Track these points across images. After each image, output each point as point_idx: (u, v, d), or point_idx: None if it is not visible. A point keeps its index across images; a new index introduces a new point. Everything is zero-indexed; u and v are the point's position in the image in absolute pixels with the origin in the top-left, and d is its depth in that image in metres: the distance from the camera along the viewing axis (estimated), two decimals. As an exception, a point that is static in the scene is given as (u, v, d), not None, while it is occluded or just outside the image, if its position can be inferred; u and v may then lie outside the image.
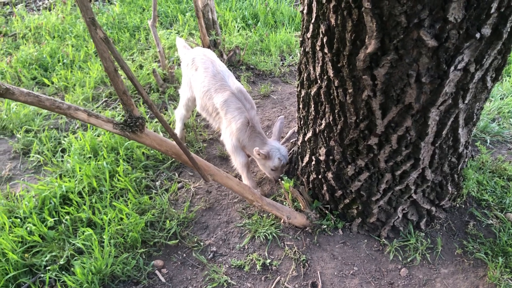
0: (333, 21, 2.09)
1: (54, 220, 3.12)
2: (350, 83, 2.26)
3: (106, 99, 4.61)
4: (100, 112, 4.33)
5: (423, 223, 2.97)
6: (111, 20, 6.13)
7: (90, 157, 3.64)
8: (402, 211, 2.91)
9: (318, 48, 2.32)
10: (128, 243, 2.98)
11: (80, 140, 3.82)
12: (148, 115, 4.34)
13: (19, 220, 3.09)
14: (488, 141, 3.65)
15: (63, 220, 3.14)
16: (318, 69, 2.43)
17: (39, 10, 7.04)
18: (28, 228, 3.01)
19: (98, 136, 3.94)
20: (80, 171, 3.47)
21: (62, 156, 3.79)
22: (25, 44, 5.77)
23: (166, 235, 3.08)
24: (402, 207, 2.89)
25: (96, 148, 3.75)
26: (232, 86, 3.27)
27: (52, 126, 4.21)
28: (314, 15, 2.22)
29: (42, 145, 3.90)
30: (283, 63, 5.16)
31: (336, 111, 2.51)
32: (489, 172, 3.25)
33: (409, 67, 2.02)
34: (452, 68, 2.01)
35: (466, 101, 2.27)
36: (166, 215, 3.23)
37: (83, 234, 3.00)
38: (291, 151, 3.55)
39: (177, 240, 3.05)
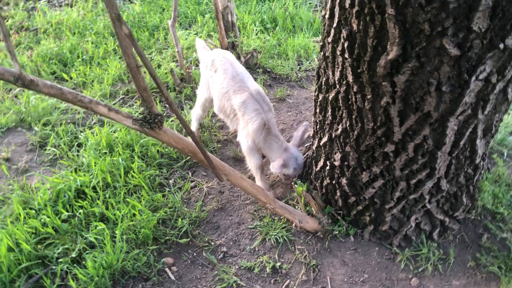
0: (355, 26, 2.09)
1: (68, 213, 3.15)
2: (369, 89, 2.26)
3: (123, 96, 4.65)
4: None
5: (436, 233, 2.94)
6: (131, 18, 6.18)
7: (105, 153, 3.67)
8: (415, 220, 2.89)
9: (338, 53, 2.32)
10: (139, 240, 3.00)
11: (97, 135, 3.86)
12: (164, 113, 4.37)
13: (33, 211, 3.12)
14: (505, 154, 3.61)
15: (77, 214, 3.17)
16: (337, 74, 2.43)
17: (61, 6, 7.14)
18: (42, 220, 3.04)
19: (114, 132, 3.98)
20: (95, 166, 3.50)
21: (78, 151, 3.83)
22: (46, 39, 5.85)
23: (178, 233, 3.09)
24: (416, 216, 2.87)
25: (112, 144, 3.78)
26: (251, 87, 3.28)
27: (69, 121, 4.25)
28: (336, 20, 2.23)
29: (58, 139, 3.95)
30: (300, 68, 5.17)
31: (353, 116, 2.50)
32: (505, 185, 3.21)
33: (430, 75, 2.01)
34: (474, 78, 2.00)
35: (485, 112, 2.25)
36: (178, 213, 3.24)
37: (95, 228, 3.03)
38: (305, 155, 3.55)
39: (188, 239, 3.06)
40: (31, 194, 3.35)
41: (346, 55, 2.25)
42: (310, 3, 6.88)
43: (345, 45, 2.21)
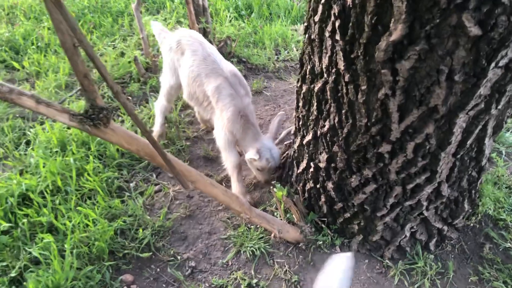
0: (349, 0, 1.70)
1: (9, 224, 2.69)
2: (364, 79, 1.88)
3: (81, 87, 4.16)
4: (72, 102, 3.88)
5: (433, 243, 2.60)
6: (94, 3, 5.67)
7: (57, 152, 3.20)
8: (410, 230, 2.54)
9: (327, 34, 1.93)
10: (93, 254, 2.56)
11: (48, 132, 3.38)
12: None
13: (-33, 222, 2.65)
14: (504, 152, 3.30)
15: (20, 224, 2.71)
16: (325, 61, 2.04)
17: (15, -11, 6.54)
18: (-23, 233, 2.58)
19: (68, 128, 3.51)
20: (44, 167, 3.04)
21: (26, 150, 3.35)
22: (-3, 23, 5.29)
23: (138, 246, 2.66)
24: (411, 225, 2.52)
25: (65, 141, 3.31)
26: (225, 69, 2.87)
27: (17, 115, 3.75)
28: (325, -7, 1.83)
29: (3, 136, 3.45)
30: (277, 58, 4.77)
31: (343, 111, 2.12)
32: (506, 187, 2.90)
33: (441, 61, 1.64)
34: (493, 65, 1.64)
35: (499, 106, 1.90)
36: (139, 222, 2.81)
37: (41, 241, 2.58)
38: (284, 154, 3.15)
39: (151, 253, 2.64)
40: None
41: (337, 37, 1.86)
42: (287, -10, 6.48)
43: (336, 24, 1.82)
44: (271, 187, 2.74)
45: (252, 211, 2.40)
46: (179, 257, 2.64)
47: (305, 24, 2.17)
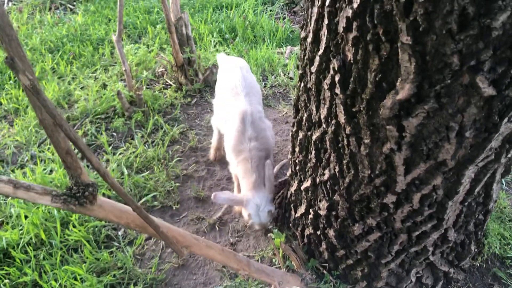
0: (350, 55, 1.59)
1: (-10, 284, 2.52)
2: (367, 132, 1.77)
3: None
4: (54, 141, 3.70)
5: (439, 287, 2.50)
6: (73, 31, 5.49)
7: (39, 201, 3.02)
8: (415, 275, 2.43)
9: (326, 86, 1.81)
10: (82, 315, 2.40)
11: (29, 177, 3.20)
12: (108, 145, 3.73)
13: None
14: (504, 182, 3.22)
15: (1, 285, 2.54)
16: (323, 111, 1.93)
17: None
18: (-47, 300, 2.40)
19: (50, 172, 3.33)
20: (25, 219, 2.86)
21: (6, 199, 3.16)
22: (-30, 57, 5.08)
23: (130, 303, 2.51)
24: (416, 270, 2.41)
25: (48, 186, 3.13)
26: (243, 107, 2.84)
27: (-5, 159, 3.57)
28: (323, 45, 1.72)
29: (-19, 184, 3.25)
30: (265, 84, 4.65)
31: (344, 161, 2.00)
32: (509, 220, 2.81)
33: (451, 118, 1.53)
34: (505, 120, 1.53)
35: (509, 155, 1.81)
36: (130, 275, 2.65)
37: (25, 304, 2.41)
38: (279, 194, 3.02)
39: (144, 311, 2.49)
40: None
41: (337, 91, 1.74)
42: (271, 11, 6.39)
43: (336, 78, 1.71)
44: (268, 234, 2.61)
45: (251, 266, 2.26)
46: (174, 314, 2.49)
47: (300, 72, 2.06)
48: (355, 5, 1.41)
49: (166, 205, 3.18)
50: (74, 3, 6.63)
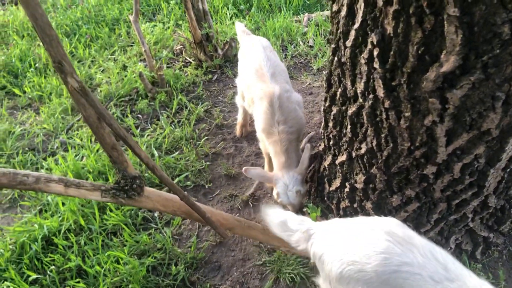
0: (390, 29, 1.54)
1: (37, 269, 2.60)
2: (407, 106, 1.73)
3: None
4: (82, 127, 3.74)
5: (479, 252, 2.50)
6: (87, 13, 5.45)
7: (74, 187, 3.08)
8: (455, 241, 2.43)
9: (363, 61, 1.77)
10: (128, 297, 2.48)
11: (61, 164, 3.25)
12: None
13: (-7, 276, 2.55)
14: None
15: (48, 271, 2.62)
16: (360, 86, 1.89)
17: (4, 4, 6.31)
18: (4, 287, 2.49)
19: (81, 158, 3.38)
20: (63, 206, 2.92)
21: (41, 186, 3.22)
22: (-9, 46, 5.11)
23: (173, 283, 2.56)
24: (456, 237, 2.41)
25: (81, 173, 3.19)
26: (270, 88, 2.80)
27: (27, 148, 3.62)
28: (359, 19, 1.67)
29: (16, 174, 3.32)
30: (285, 55, 4.58)
31: (382, 135, 1.98)
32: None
33: (497, 88, 1.49)
34: (553, 86, 1.49)
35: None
36: (170, 255, 2.71)
37: (73, 288, 2.49)
38: (311, 168, 3.02)
39: (187, 288, 2.55)
40: (-11, 250, 2.76)
41: (375, 65, 1.70)
42: (284, -23, 6.22)
43: (374, 52, 1.66)
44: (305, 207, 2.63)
45: (291, 242, 2.28)
46: (216, 290, 2.55)
47: (333, 46, 2.01)
48: (396, -22, 1.36)
49: (198, 184, 3.21)
50: (85, -17, 6.55)
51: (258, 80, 2.90)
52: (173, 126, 3.70)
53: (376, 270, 1.52)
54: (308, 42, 4.75)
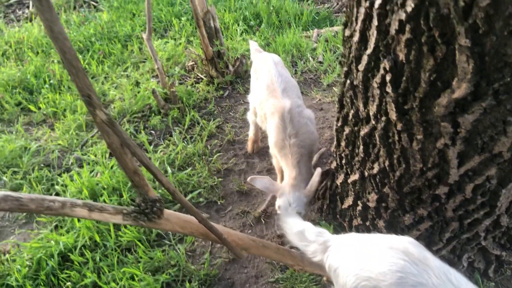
0: (402, 56, 1.58)
1: (54, 286, 2.65)
2: (420, 129, 1.77)
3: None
4: (96, 143, 3.81)
5: (491, 270, 2.51)
6: (100, 29, 5.56)
7: (89, 204, 3.13)
8: (467, 259, 2.45)
9: (375, 85, 1.81)
10: (143, 314, 2.51)
11: (76, 181, 3.30)
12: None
13: (10, 292, 2.61)
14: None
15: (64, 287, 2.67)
16: (372, 108, 1.93)
17: (19, 21, 6.44)
18: (21, 304, 2.54)
19: (96, 174, 3.43)
20: (79, 222, 2.97)
21: (57, 202, 3.28)
22: (5, 62, 5.21)
23: (187, 300, 2.60)
24: (468, 255, 2.43)
25: (95, 189, 3.24)
26: (281, 104, 2.85)
27: (42, 164, 3.69)
28: (371, 45, 1.72)
29: (32, 190, 3.38)
30: (295, 71, 4.64)
31: (395, 156, 2.01)
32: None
33: (508, 113, 1.53)
34: None
35: None
36: (184, 272, 2.75)
37: (88, 305, 2.53)
38: (322, 185, 3.04)
39: (201, 306, 2.58)
40: (6, 266, 2.82)
41: (388, 89, 1.75)
42: (293, -8, 6.30)
43: (387, 77, 1.71)
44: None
45: (304, 261, 2.31)
46: (230, 308, 2.58)
47: (345, 69, 2.06)
48: (409, 9, 1.40)
49: (211, 201, 3.25)
50: (97, 0, 6.69)
51: (270, 95, 2.95)
52: (185, 142, 3.75)
53: None
54: (317, 58, 4.81)
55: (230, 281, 2.74)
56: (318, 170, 2.64)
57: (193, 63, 4.70)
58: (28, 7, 6.79)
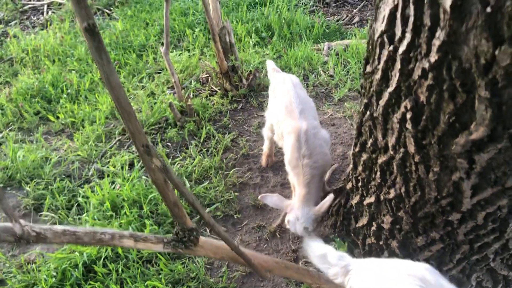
0: (423, 97, 1.70)
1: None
2: (437, 162, 1.89)
3: (120, 137, 4.20)
4: (115, 154, 3.93)
5: (499, 289, 2.63)
6: (114, 39, 5.68)
7: (111, 216, 3.26)
8: (476, 279, 2.56)
9: (395, 120, 1.93)
10: (166, 325, 2.64)
11: (97, 193, 3.43)
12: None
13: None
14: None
15: (88, 299, 2.79)
16: (391, 140, 2.05)
17: (34, 27, 6.57)
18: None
19: (116, 186, 3.56)
20: (101, 234, 3.09)
21: (79, 213, 3.41)
22: (23, 69, 5.34)
23: (207, 313, 2.73)
24: (477, 275, 2.54)
25: (116, 201, 3.36)
26: (298, 125, 2.97)
27: (63, 175, 3.81)
28: (393, 85, 1.83)
29: (54, 201, 3.51)
30: (307, 84, 4.75)
31: (411, 184, 2.14)
32: None
33: (521, 153, 1.64)
34: None
35: None
36: (203, 284, 2.87)
37: (113, 316, 2.66)
38: (336, 202, 3.17)
39: (220, 319, 2.70)
40: (32, 275, 2.94)
41: (408, 125, 1.87)
42: (304, 4, 6.42)
43: (407, 115, 1.83)
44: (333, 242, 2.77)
45: (321, 279, 2.43)
46: (248, 321, 2.70)
47: (365, 101, 2.17)
48: (432, 60, 1.52)
49: (227, 214, 3.37)
50: (111, 8, 6.80)
51: (288, 116, 3.08)
52: (201, 155, 3.88)
53: None
54: (328, 71, 4.92)
55: (247, 294, 2.86)
56: (331, 196, 2.75)
57: (207, 75, 4.82)
58: (42, 13, 6.92)
